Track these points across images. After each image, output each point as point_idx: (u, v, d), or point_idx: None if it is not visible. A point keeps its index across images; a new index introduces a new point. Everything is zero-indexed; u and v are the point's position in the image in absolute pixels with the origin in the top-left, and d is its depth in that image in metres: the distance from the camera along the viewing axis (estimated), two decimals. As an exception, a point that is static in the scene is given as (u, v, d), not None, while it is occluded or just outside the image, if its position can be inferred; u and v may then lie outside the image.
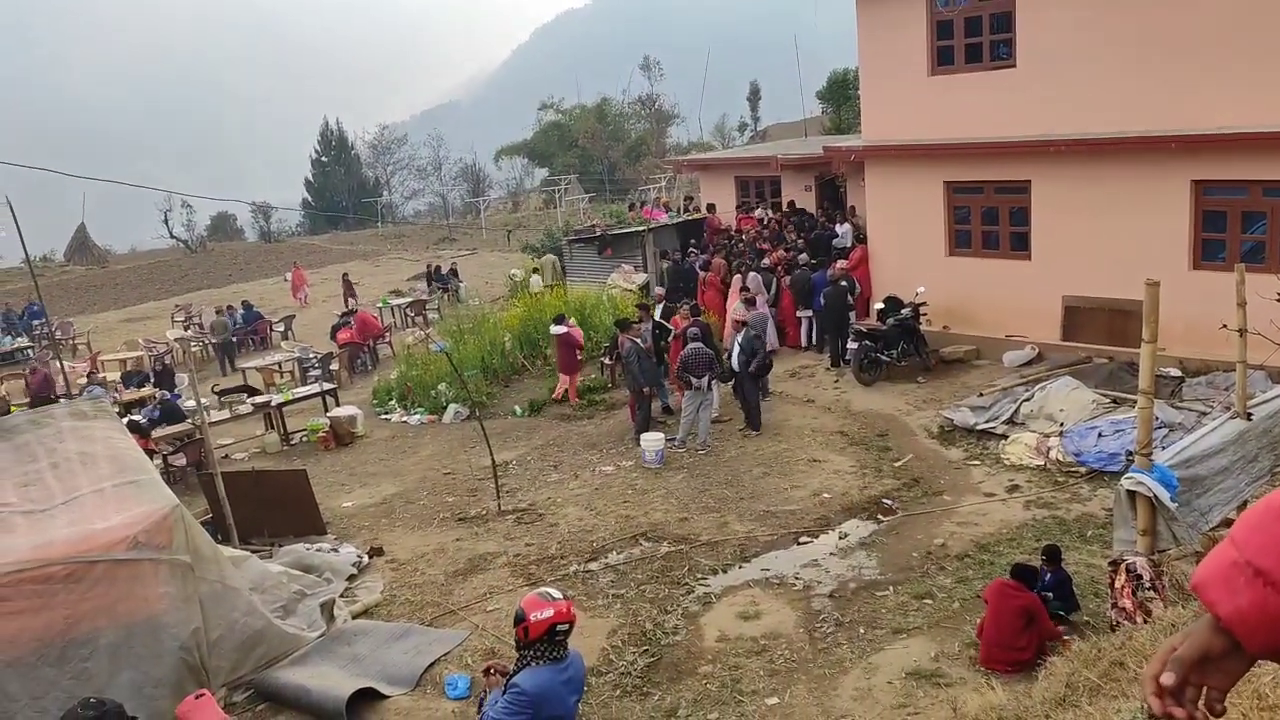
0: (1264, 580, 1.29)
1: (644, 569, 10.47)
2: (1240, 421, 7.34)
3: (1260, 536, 1.32)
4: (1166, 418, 11.69)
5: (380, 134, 68.33)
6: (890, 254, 17.81)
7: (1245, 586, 1.30)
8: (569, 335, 16.62)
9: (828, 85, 39.29)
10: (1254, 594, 1.30)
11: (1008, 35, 15.46)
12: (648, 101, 57.95)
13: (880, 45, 17.13)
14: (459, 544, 11.65)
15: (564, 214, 39.21)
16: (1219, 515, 7.26)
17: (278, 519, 11.84)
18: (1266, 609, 1.29)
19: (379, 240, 47.33)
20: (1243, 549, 1.33)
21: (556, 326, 16.87)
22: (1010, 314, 16.07)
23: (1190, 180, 13.87)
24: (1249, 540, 1.33)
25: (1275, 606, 1.29)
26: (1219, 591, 1.33)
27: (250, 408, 17.03)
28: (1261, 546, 1.31)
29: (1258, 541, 1.32)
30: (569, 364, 16.91)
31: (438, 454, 15.40)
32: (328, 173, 64.82)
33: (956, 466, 12.54)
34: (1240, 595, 1.31)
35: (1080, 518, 10.61)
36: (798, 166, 22.79)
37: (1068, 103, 14.71)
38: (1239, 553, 1.33)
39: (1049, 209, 15.50)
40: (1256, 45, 12.82)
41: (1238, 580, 1.31)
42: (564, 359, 16.95)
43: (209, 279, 39.03)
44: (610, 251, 22.65)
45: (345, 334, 22.14)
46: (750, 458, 13.51)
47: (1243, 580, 1.31)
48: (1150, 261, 13.36)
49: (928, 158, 16.78)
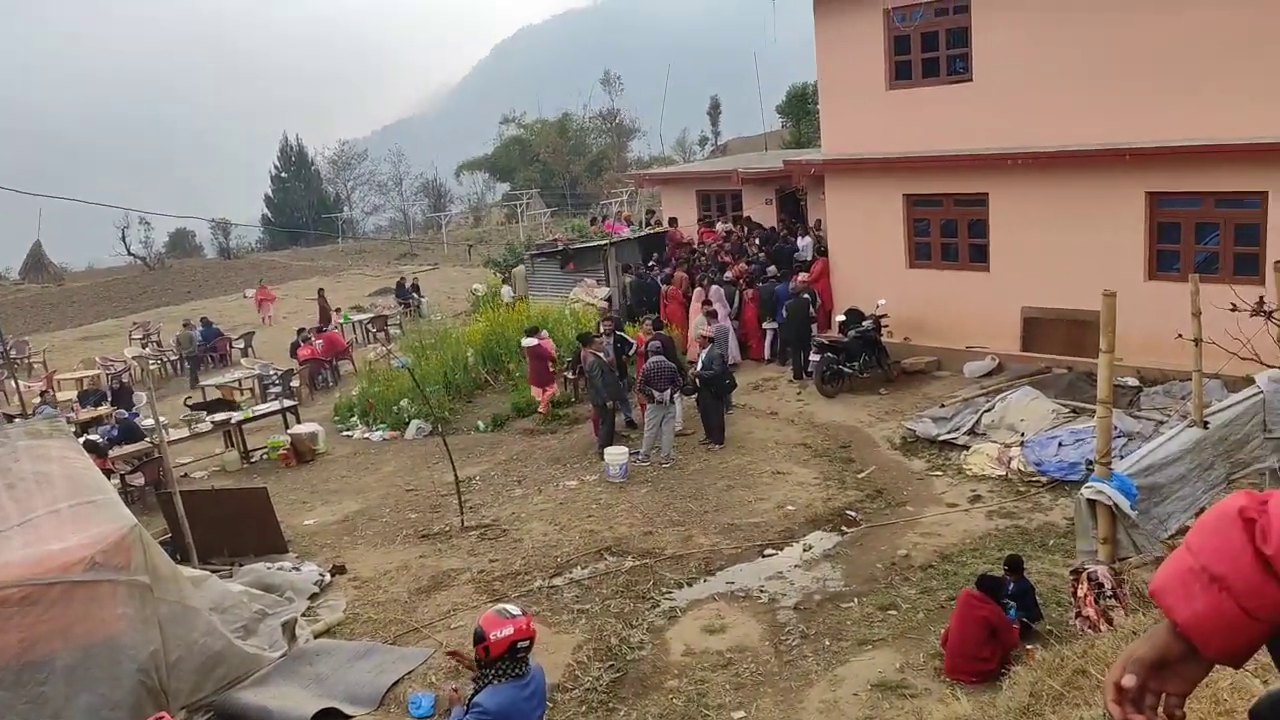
0: (1219, 585, 1.30)
1: (609, 583, 10.43)
2: (1197, 430, 7.46)
3: (1215, 541, 1.33)
4: (1125, 427, 11.86)
5: (340, 149, 68.04)
6: (851, 266, 17.95)
7: (1201, 592, 1.31)
8: (540, 348, 16.56)
9: (787, 99, 39.67)
10: (1210, 599, 1.31)
11: (964, 50, 15.69)
12: (609, 116, 58.13)
13: (838, 60, 17.30)
14: (422, 561, 11.54)
15: (526, 228, 39.18)
16: (1177, 523, 7.37)
17: (238, 538, 11.65)
18: (1222, 614, 1.30)
19: (340, 256, 46.97)
20: (1198, 554, 1.34)
21: (528, 339, 16.80)
22: (970, 325, 16.25)
23: (1145, 192, 14.13)
24: (1204, 546, 1.34)
25: (1231, 611, 1.29)
26: (1176, 597, 1.34)
27: (210, 425, 16.78)
28: (1216, 552, 1.32)
29: (1213, 547, 1.33)
30: (541, 376, 16.84)
31: (400, 470, 15.26)
32: (288, 188, 64.26)
33: (919, 477, 12.63)
34: (1196, 600, 1.32)
35: (1042, 527, 10.72)
36: (758, 180, 22.92)
37: (1024, 116, 14.95)
38: (1194, 558, 1.34)
39: (1007, 221, 15.71)
40: (1209, 61, 13.11)
41: (1194, 586, 1.32)
42: (536, 371, 16.87)
43: (167, 296, 38.48)
44: (573, 266, 22.63)
45: (306, 351, 21.90)
46: (714, 471, 13.52)
47: (1199, 586, 1.32)
48: (1107, 272, 13.59)
49: (887, 171, 16.95)
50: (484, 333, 19.76)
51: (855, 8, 16.50)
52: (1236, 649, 1.33)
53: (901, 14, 16.04)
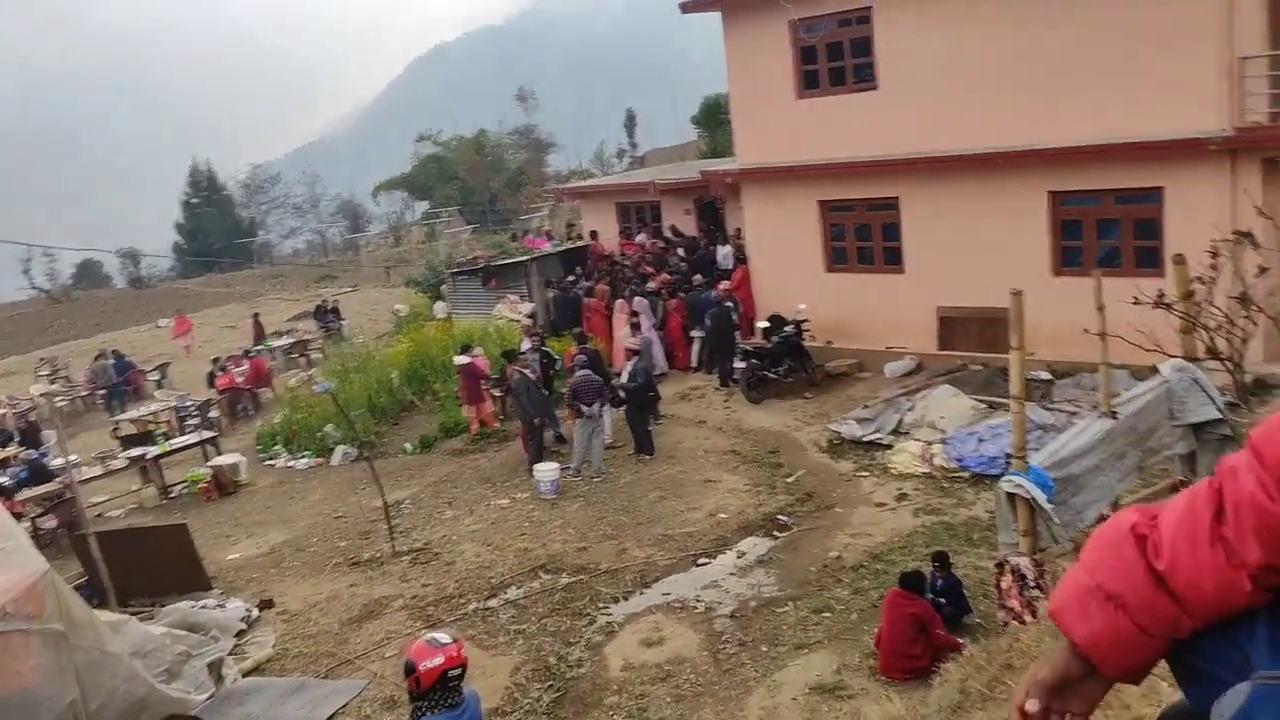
0: (1115, 603, 1.31)
1: (544, 602, 10.38)
2: (1107, 421, 7.69)
3: (1109, 560, 1.35)
4: (1039, 420, 12.19)
5: (253, 173, 66.64)
6: (771, 273, 18.18)
7: (1098, 610, 1.32)
8: (472, 365, 16.41)
9: (701, 110, 40.03)
10: (1106, 617, 1.32)
11: (869, 59, 16.03)
12: (525, 132, 57.95)
13: (748, 71, 17.55)
14: (353, 590, 11.33)
15: (446, 246, 38.78)
16: (1094, 512, 7.58)
17: (159, 577, 11.31)
18: (1119, 631, 1.31)
19: (256, 281, 45.96)
20: (1093, 573, 1.35)
21: (460, 357, 16.62)
22: (889, 326, 16.56)
23: (1048, 191, 14.59)
24: (1099, 564, 1.35)
25: (1127, 629, 1.31)
26: (1073, 617, 1.35)
27: (125, 461, 16.26)
28: (1111, 570, 1.33)
29: (1107, 565, 1.34)
30: (473, 395, 16.67)
31: (327, 497, 14.98)
32: (200, 214, 62.56)
33: (847, 479, 12.82)
34: (1093, 620, 1.33)
35: (966, 521, 10.96)
36: (677, 191, 23.07)
37: (930, 121, 15.32)
38: (1090, 577, 1.35)
39: (918, 224, 16.07)
40: (1104, 62, 13.58)
41: (1090, 605, 1.33)
42: (467, 390, 16.70)
43: (75, 329, 37.18)
44: (495, 282, 22.50)
45: (224, 380, 21.38)
46: (646, 482, 13.55)
47: (1094, 604, 1.33)
48: (1015, 270, 13.96)
49: (800, 178, 17.22)
50: (408, 353, 19.54)
51: (762, 20, 16.75)
52: (1134, 666, 1.35)
53: (806, 25, 16.33)
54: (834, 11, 15.83)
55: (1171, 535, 1.31)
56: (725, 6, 17.42)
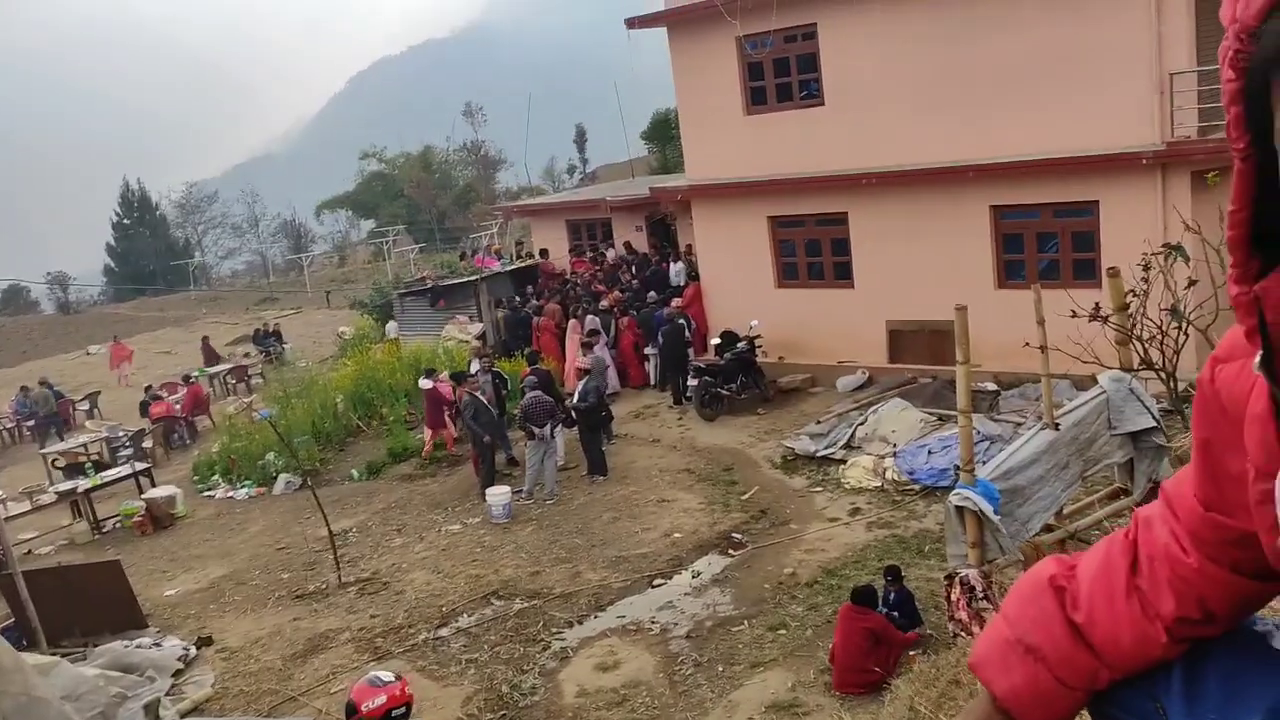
0: (1034, 656, 1.30)
1: (497, 629, 10.18)
2: (1050, 432, 7.73)
3: (1030, 611, 1.33)
4: (986, 431, 12.28)
5: (188, 192, 64.94)
6: (723, 289, 18.17)
7: (1018, 663, 1.31)
8: (435, 390, 16.16)
9: (651, 125, 40.11)
10: (1025, 670, 1.31)
11: (815, 75, 16.13)
12: (473, 148, 57.57)
13: (696, 87, 17.58)
14: (296, 624, 11.03)
15: (394, 266, 38.32)
16: (1039, 522, 7.62)
17: (90, 616, 10.91)
18: (1039, 685, 1.30)
19: (192, 304, 45.01)
20: (1014, 626, 1.34)
21: (424, 381, 16.32)
22: (840, 341, 16.61)
23: (989, 205, 14.76)
24: (1020, 616, 1.34)
25: (1047, 682, 1.29)
26: (994, 670, 1.34)
27: (54, 496, 15.70)
28: (1032, 622, 1.32)
29: (1029, 617, 1.33)
30: (435, 419, 16.41)
31: (269, 528, 14.60)
32: (131, 236, 60.83)
33: (800, 494, 12.79)
34: (1014, 673, 1.31)
35: (918, 534, 10.98)
36: (627, 207, 23.03)
37: (876, 137, 15.44)
38: (1010, 629, 1.34)
39: (866, 239, 16.17)
40: (1041, 78, 13.81)
41: (1010, 657, 1.32)
42: (431, 415, 16.45)
43: (0, 358, 36.09)
44: (444, 303, 22.23)
45: (159, 408, 20.78)
46: (599, 503, 13.40)
47: (1014, 657, 1.32)
48: (960, 283, 14.11)
49: (749, 194, 17.25)
50: (353, 377, 19.18)
51: (708, 36, 16.78)
52: (1054, 718, 1.33)
53: (753, 41, 16.38)
54: (780, 28, 15.90)
55: (1089, 587, 1.31)
56: (671, 22, 17.43)
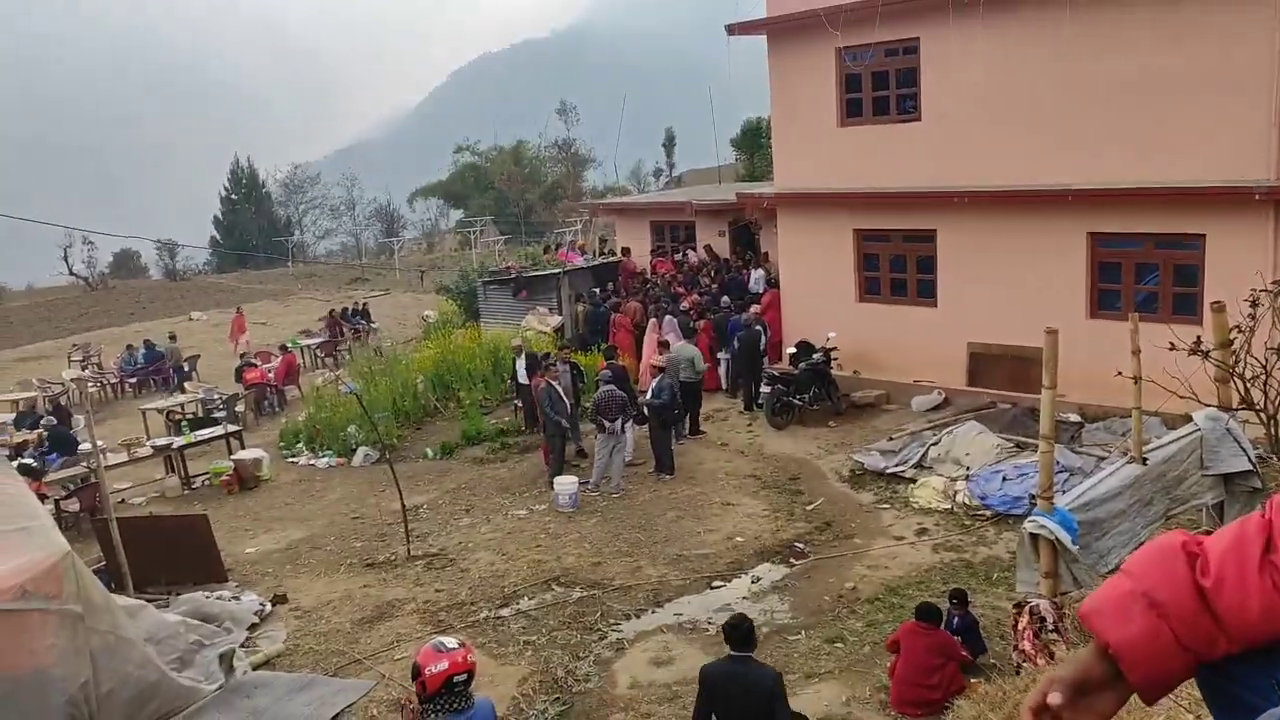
0: (1158, 611, 1.33)
1: (556, 615, 10.34)
2: (1136, 466, 7.59)
3: (1157, 570, 1.36)
4: (1067, 462, 12.05)
5: (293, 173, 67.32)
6: (802, 299, 18.12)
7: (1139, 615, 1.34)
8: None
9: (741, 133, 40.05)
10: (1146, 622, 1.33)
11: (913, 90, 16.01)
12: (564, 145, 58.20)
13: (791, 96, 17.57)
14: (366, 590, 11.35)
15: (479, 255, 39.01)
16: (1117, 558, 7.47)
17: (176, 566, 11.38)
18: (1157, 639, 1.32)
19: (289, 280, 46.34)
20: (1139, 580, 1.36)
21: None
22: (918, 359, 16.45)
23: (1087, 232, 14.48)
24: (1146, 573, 1.37)
25: (1165, 637, 1.32)
26: (1111, 619, 1.36)
27: (150, 450, 16.41)
28: (1159, 579, 1.35)
29: (1155, 574, 1.36)
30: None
31: (346, 497, 15.03)
32: (238, 211, 63.29)
33: (867, 510, 12.71)
34: (1133, 623, 1.34)
35: (986, 560, 10.83)
36: (712, 212, 23.10)
37: (970, 156, 15.27)
38: (1134, 584, 1.36)
39: (954, 258, 15.99)
40: (1149, 105, 13.51)
41: (1132, 609, 1.34)
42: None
43: (109, 318, 37.63)
44: (525, 294, 22.57)
45: (253, 374, 21.54)
46: (664, 501, 13.50)
47: (1137, 609, 1.34)
48: (1050, 310, 13.85)
49: (837, 206, 17.18)
50: (434, 359, 19.61)
51: (808, 46, 16.77)
52: (1161, 678, 1.35)
53: (853, 53, 16.33)
54: (881, 41, 15.82)
55: (1220, 557, 1.33)
56: (771, 30, 17.46)
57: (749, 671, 6.51)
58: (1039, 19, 14.27)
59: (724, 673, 6.51)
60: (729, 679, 6.45)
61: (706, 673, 6.64)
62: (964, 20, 14.67)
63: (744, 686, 6.41)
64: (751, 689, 6.39)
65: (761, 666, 6.80)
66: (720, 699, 6.48)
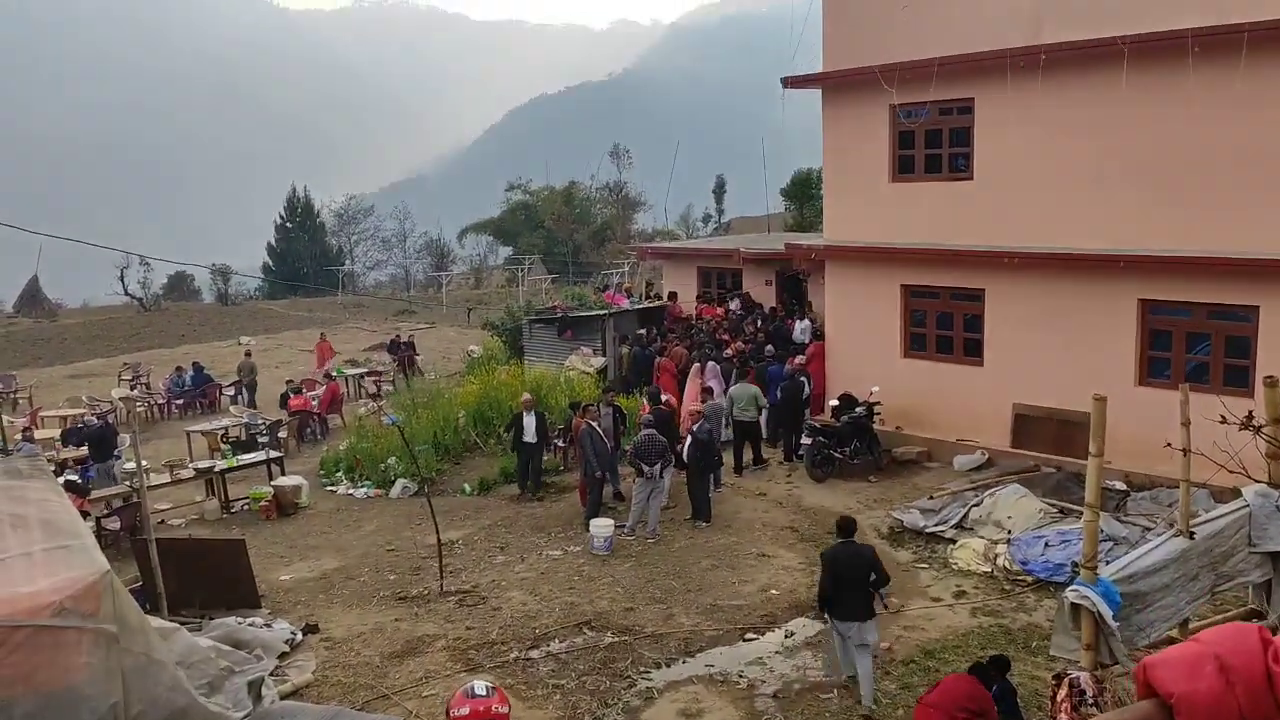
0: (1228, 675, 1.38)
1: (586, 659, 10.27)
2: (1183, 540, 7.41)
3: (1233, 641, 1.42)
4: (1111, 531, 11.82)
5: (347, 203, 68.71)
6: (846, 351, 18.04)
7: (1210, 674, 1.39)
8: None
9: (792, 183, 40.26)
10: (1216, 683, 1.38)
11: (966, 149, 16.00)
12: (615, 188, 58.83)
13: (844, 150, 17.63)
14: (398, 624, 11.36)
15: (526, 293, 39.35)
16: (1156, 633, 7.28)
17: (211, 590, 11.48)
18: (1222, 700, 1.37)
19: (338, 309, 47.07)
20: (1213, 645, 1.42)
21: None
22: (962, 418, 16.28)
23: (1138, 299, 14.29)
24: (1221, 641, 1.43)
25: (1230, 702, 1.36)
26: (1179, 672, 1.41)
27: (192, 472, 16.65)
28: (1234, 649, 1.40)
29: (1231, 644, 1.41)
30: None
31: (382, 529, 15.11)
32: (291, 238, 64.62)
33: (905, 569, 12.53)
34: (1202, 680, 1.38)
35: (1025, 628, 10.62)
36: (759, 260, 23.16)
37: (1022, 217, 15.19)
38: (1209, 648, 1.42)
39: (1002, 317, 15.84)
40: (1205, 173, 13.39)
41: (1205, 667, 1.40)
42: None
43: (161, 338, 38.41)
44: (570, 334, 22.70)
45: (297, 401, 21.82)
46: (699, 549, 13.41)
47: (1210, 668, 1.39)
48: (1098, 375, 13.68)
49: (886, 261, 17.14)
50: (477, 395, 19.73)
51: (862, 101, 16.85)
52: None
53: (907, 110, 16.37)
54: (936, 99, 15.86)
55: None
56: (827, 85, 17.57)
57: (854, 548, 9.63)
58: (1096, 85, 14.22)
59: (838, 550, 9.59)
60: (842, 551, 9.55)
61: (826, 554, 9.76)
62: (1020, 82, 14.67)
63: (852, 557, 9.45)
64: (856, 558, 9.45)
65: (861, 545, 10.00)
66: (840, 567, 9.39)
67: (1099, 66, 14.06)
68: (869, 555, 9.58)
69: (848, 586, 9.31)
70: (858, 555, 9.51)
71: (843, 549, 9.57)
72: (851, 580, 9.31)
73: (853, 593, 9.28)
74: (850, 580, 9.31)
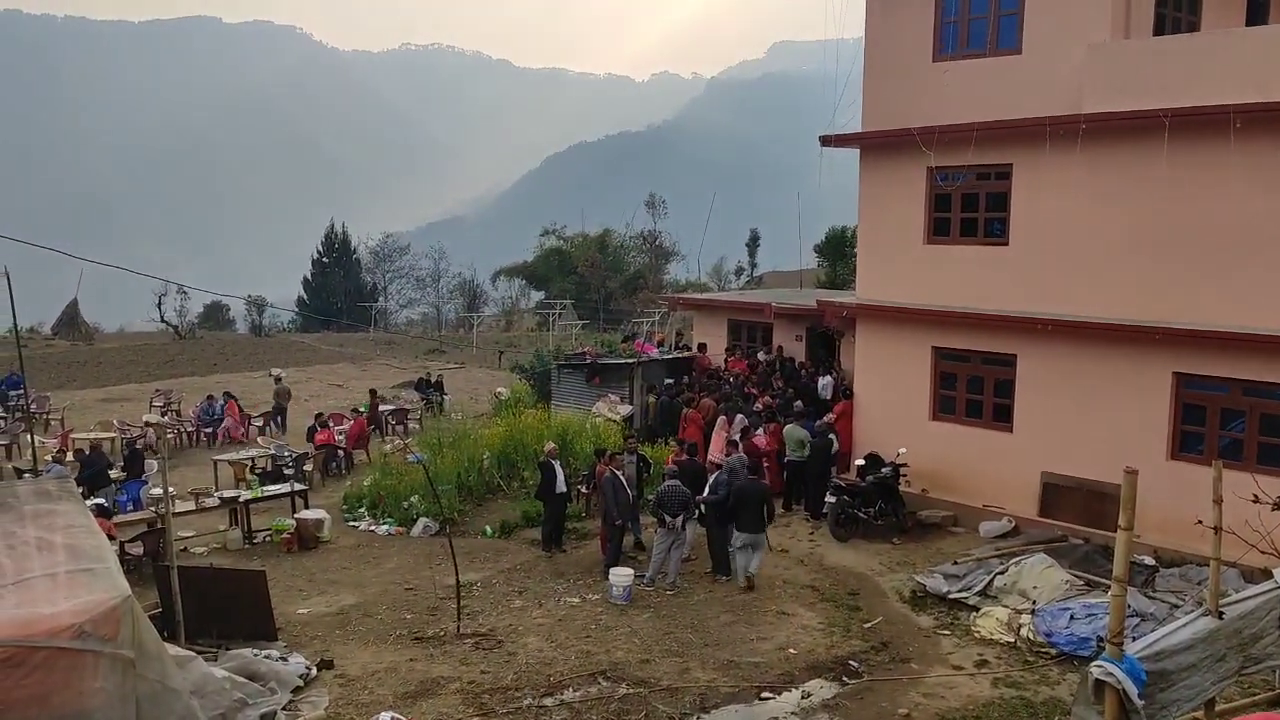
0: None
1: (599, 710, 10.17)
2: (1212, 620, 7.27)
3: None
4: (1139, 606, 11.60)
5: (383, 241, 69.74)
6: (875, 411, 17.95)
7: None
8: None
9: (826, 240, 40.42)
10: None
11: (1002, 214, 16.01)
12: (649, 237, 59.28)
13: (880, 210, 17.69)
14: (412, 664, 11.31)
15: (556, 337, 39.57)
16: (1181, 712, 7.13)
17: (229, 620, 11.50)
18: None
19: (369, 345, 47.51)
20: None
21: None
22: (989, 484, 16.10)
23: (1172, 372, 14.16)
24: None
25: None
26: None
27: (217, 501, 16.76)
28: None
29: None
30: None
31: (402, 567, 15.10)
32: (327, 273, 65.59)
33: (926, 634, 12.34)
34: None
35: (1048, 701, 10.40)
36: (790, 315, 23.17)
37: (1057, 284, 15.15)
38: None
39: (1033, 384, 15.73)
40: (1244, 247, 13.31)
41: None
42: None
43: (193, 366, 38.90)
44: (599, 380, 22.76)
45: (323, 435, 21.96)
46: (718, 603, 13.29)
47: None
48: (1129, 447, 13.54)
49: (917, 322, 17.11)
50: (502, 437, 19.78)
51: (900, 162, 16.94)
52: None
53: (945, 173, 16.45)
54: (974, 164, 15.92)
55: None
56: (865, 145, 17.69)
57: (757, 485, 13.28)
58: (1135, 155, 14.23)
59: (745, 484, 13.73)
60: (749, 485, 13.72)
61: (734, 487, 13.90)
62: (1060, 150, 14.71)
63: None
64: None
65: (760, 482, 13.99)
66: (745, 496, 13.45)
67: (1140, 138, 14.08)
68: (764, 489, 14.02)
69: (748, 508, 13.54)
70: (756, 487, 13.83)
71: (749, 484, 13.79)
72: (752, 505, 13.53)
73: (751, 513, 13.48)
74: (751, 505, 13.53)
